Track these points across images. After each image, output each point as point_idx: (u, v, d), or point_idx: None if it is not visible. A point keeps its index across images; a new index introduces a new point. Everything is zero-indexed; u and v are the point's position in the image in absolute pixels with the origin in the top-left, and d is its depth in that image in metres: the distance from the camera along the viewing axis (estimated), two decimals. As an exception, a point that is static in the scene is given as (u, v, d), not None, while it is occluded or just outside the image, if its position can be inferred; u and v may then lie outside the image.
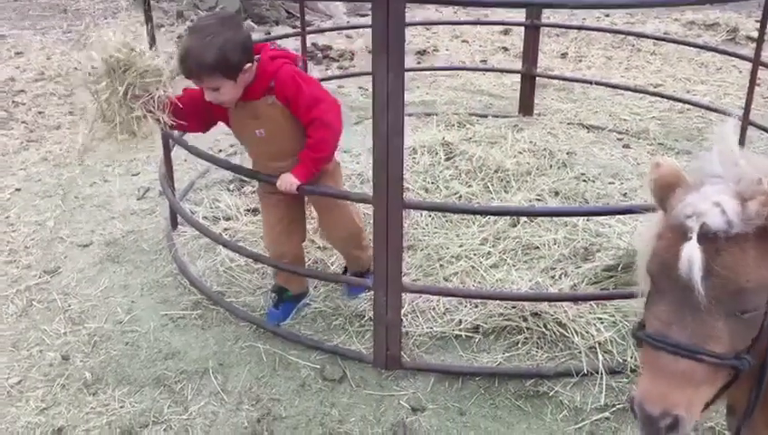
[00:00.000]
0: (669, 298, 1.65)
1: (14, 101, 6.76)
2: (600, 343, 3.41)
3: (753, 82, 5.01)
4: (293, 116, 3.23)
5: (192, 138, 4.07)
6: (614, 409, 3.14)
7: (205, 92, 3.18)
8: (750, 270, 1.57)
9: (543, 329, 3.53)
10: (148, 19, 4.15)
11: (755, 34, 6.67)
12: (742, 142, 5.10)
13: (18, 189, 5.12)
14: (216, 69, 3.03)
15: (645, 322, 1.74)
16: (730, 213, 1.55)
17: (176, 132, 3.68)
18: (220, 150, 5.58)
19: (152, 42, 4.24)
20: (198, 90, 3.27)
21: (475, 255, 4.07)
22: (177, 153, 4.57)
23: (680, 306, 1.62)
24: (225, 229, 4.44)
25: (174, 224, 4.52)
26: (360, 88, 7.15)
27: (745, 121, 5.10)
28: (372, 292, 3.33)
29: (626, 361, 3.33)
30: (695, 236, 1.58)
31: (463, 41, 9.03)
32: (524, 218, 4.31)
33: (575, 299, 3.64)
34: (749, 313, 1.60)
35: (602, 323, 3.52)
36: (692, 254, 1.56)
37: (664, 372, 1.61)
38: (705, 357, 1.59)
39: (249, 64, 3.12)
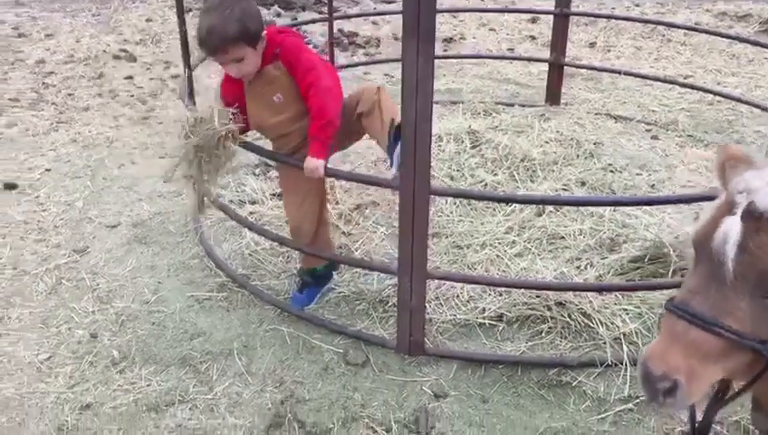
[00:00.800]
0: (702, 270, 1.66)
1: (44, 83, 6.84)
2: (624, 334, 3.39)
3: (786, 74, 4.94)
4: None
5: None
6: (638, 400, 3.12)
7: (228, 69, 3.29)
8: None
9: (568, 319, 3.52)
10: (179, 3, 4.17)
11: (789, 26, 6.54)
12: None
13: (48, 170, 5.19)
14: (241, 39, 3.18)
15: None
16: None
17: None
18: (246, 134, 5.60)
19: (182, 26, 4.27)
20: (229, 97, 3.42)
21: (499, 243, 4.06)
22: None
23: (709, 279, 1.63)
24: (251, 213, 4.47)
25: (201, 206, 4.55)
26: (385, 75, 7.14)
27: (777, 114, 5.03)
28: (396, 278, 3.34)
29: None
30: (739, 212, 1.58)
31: (490, 29, 8.97)
32: (550, 208, 4.29)
33: (600, 289, 3.62)
34: None
35: (627, 314, 3.50)
36: (730, 227, 1.57)
37: (676, 338, 1.62)
38: (719, 330, 1.59)
39: (264, 32, 3.29)
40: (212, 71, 7.13)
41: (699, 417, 1.97)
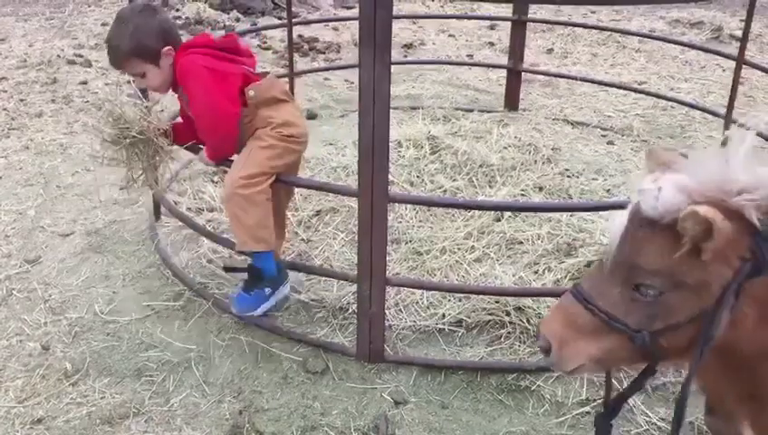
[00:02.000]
0: (602, 259, 1.85)
1: (-5, 89, 6.68)
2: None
3: (736, 80, 5.06)
4: None
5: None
6: (595, 403, 3.16)
7: (134, 82, 3.39)
8: (650, 253, 1.70)
9: (527, 324, 3.54)
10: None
11: (739, 33, 6.70)
12: (724, 141, 5.15)
13: (-1, 177, 5.07)
14: (132, 54, 3.23)
15: None
16: (660, 202, 1.65)
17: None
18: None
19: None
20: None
21: (459, 249, 4.07)
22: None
23: (600, 265, 1.84)
24: (209, 221, 4.42)
25: (157, 214, 4.49)
26: (345, 81, 7.13)
27: (728, 120, 5.14)
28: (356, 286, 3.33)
29: (607, 356, 3.35)
30: (629, 208, 1.75)
31: (449, 35, 9.03)
32: (509, 213, 4.32)
33: (558, 294, 3.63)
34: (642, 291, 1.73)
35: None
36: (616, 220, 1.77)
37: (562, 310, 1.86)
38: (592, 308, 1.78)
39: (168, 48, 3.26)
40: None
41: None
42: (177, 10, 9.14)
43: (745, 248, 1.64)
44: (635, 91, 6.57)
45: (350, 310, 3.65)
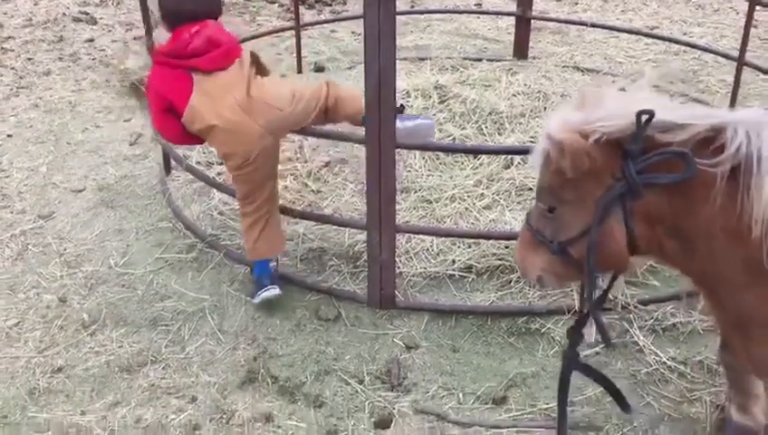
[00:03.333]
0: None
1: (2, 48, 6.66)
2: (591, 282, 3.44)
3: (749, 23, 4.96)
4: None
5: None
6: (603, 345, 3.18)
7: None
8: (542, 174, 2.06)
9: (536, 268, 3.56)
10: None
11: (753, -26, 6.55)
12: (737, 83, 5.08)
13: (10, 136, 5.09)
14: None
15: None
16: (552, 132, 1.93)
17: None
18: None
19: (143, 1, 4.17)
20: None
21: (468, 196, 4.08)
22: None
23: None
24: (219, 174, 4.43)
25: (167, 169, 4.52)
26: (352, 32, 7.05)
27: (741, 63, 5.06)
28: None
29: (616, 298, 3.37)
30: (543, 136, 2.00)
31: (457, -16, 8.87)
32: (518, 160, 4.30)
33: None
34: (546, 207, 2.07)
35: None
36: (536, 151, 2.05)
37: (522, 231, 2.27)
38: (527, 226, 2.19)
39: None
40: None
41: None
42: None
43: (618, 169, 1.91)
44: (646, 35, 6.45)
45: (362, 258, 3.68)
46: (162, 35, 3.36)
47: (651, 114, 1.84)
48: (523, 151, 4.14)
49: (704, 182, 1.84)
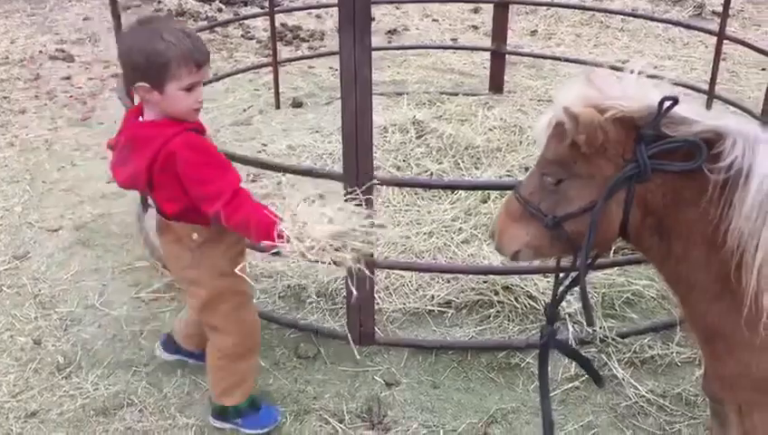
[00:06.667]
0: None
1: (-23, 86, 6.64)
2: (569, 315, 3.46)
3: (717, 56, 5.09)
4: None
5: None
6: (584, 378, 3.20)
7: (197, 94, 2.52)
8: (550, 146, 2.01)
9: (515, 302, 3.58)
10: (114, 2, 4.10)
11: (721, 9, 6.73)
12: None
13: (-16, 175, 5.05)
14: None
15: None
16: (569, 105, 1.90)
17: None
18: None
19: (118, 24, 4.20)
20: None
21: (446, 231, 4.10)
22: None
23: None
24: (197, 211, 4.41)
25: (145, 206, 4.49)
26: (330, 68, 7.11)
27: (711, 95, 5.17)
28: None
29: (595, 331, 3.39)
30: (553, 108, 1.99)
31: (433, 20, 9.01)
32: (495, 194, 4.34)
33: (545, 272, 3.67)
34: (546, 179, 2.03)
35: (572, 295, 3.56)
36: (542, 121, 2.05)
37: (505, 203, 2.21)
38: (517, 196, 2.11)
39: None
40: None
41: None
42: (159, 2, 9.07)
43: (630, 151, 1.91)
44: (618, 70, 6.56)
45: (341, 295, 3.67)
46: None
47: (675, 101, 1.85)
48: (501, 187, 4.22)
49: (697, 184, 1.87)
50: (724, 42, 5.08)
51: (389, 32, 8.39)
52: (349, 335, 3.26)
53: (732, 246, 1.84)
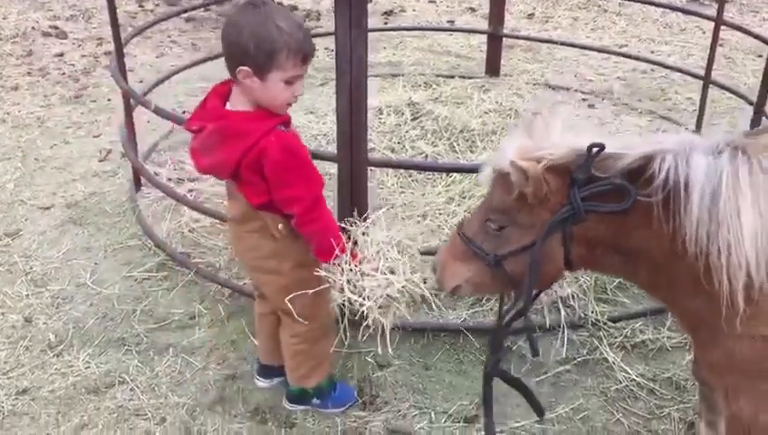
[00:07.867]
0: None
1: (-31, 62, 6.58)
2: (561, 299, 3.47)
3: (715, 41, 5.06)
4: None
5: (155, 97, 3.99)
6: (575, 361, 3.21)
7: (295, 87, 2.44)
8: (497, 195, 2.10)
9: (507, 285, 3.57)
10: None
11: (719, -5, 6.70)
12: (704, 101, 5.17)
13: (-25, 152, 5.01)
14: None
15: None
16: (514, 159, 1.96)
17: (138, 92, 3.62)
18: (184, 111, 5.49)
19: (110, 1, 4.14)
20: None
21: (441, 214, 4.09)
22: (140, 114, 4.47)
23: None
24: (190, 190, 4.40)
25: (137, 185, 4.47)
26: (326, 49, 7.05)
27: (707, 81, 5.16)
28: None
29: (586, 315, 3.40)
30: (495, 157, 2.08)
31: (430, 1, 8.96)
32: (490, 177, 4.33)
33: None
34: (489, 224, 2.12)
35: (564, 279, 3.57)
36: (486, 171, 2.15)
37: (449, 240, 2.32)
38: (461, 235, 2.20)
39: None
40: (146, 47, 6.97)
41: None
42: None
43: (564, 197, 2.00)
44: (615, 54, 6.56)
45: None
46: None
47: (602, 147, 1.92)
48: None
49: (638, 209, 1.93)
50: (722, 27, 5.06)
51: (386, 13, 8.34)
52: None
53: (694, 253, 1.88)
